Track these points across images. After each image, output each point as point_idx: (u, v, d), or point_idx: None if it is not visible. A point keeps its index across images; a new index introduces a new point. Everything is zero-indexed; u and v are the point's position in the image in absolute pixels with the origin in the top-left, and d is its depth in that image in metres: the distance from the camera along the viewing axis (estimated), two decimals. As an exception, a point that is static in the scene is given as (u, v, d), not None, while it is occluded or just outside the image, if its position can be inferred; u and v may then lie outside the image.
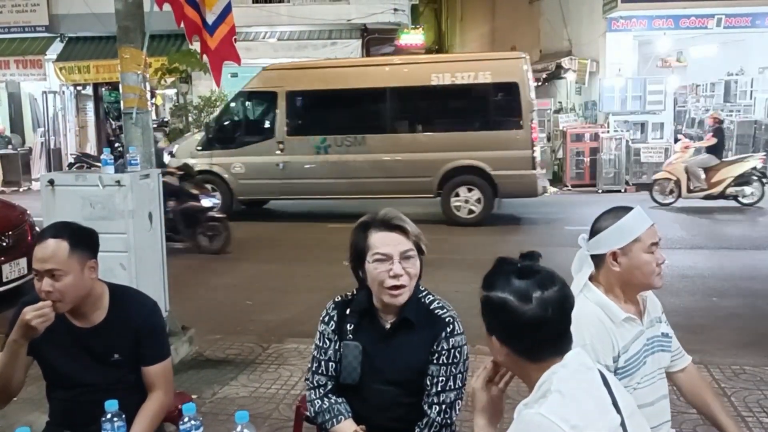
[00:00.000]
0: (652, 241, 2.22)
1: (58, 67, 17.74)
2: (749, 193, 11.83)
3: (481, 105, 11.13)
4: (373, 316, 2.35)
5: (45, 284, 2.33)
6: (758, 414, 4.04)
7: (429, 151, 10.92)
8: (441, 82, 10.94)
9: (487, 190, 10.92)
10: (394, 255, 2.22)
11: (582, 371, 1.64)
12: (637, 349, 2.21)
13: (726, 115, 15.87)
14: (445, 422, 2.28)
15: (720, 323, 5.88)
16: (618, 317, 2.19)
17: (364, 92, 11.42)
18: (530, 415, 1.56)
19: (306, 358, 4.91)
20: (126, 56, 4.80)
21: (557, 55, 18.03)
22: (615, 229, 2.24)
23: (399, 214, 2.30)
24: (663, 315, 2.42)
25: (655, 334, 2.31)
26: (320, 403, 2.36)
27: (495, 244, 9.25)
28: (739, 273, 7.72)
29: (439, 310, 2.33)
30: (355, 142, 11.16)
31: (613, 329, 2.17)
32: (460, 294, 3.85)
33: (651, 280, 2.24)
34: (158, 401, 2.49)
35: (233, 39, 5.06)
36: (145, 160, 4.81)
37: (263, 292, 7.30)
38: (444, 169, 10.94)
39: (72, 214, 3.73)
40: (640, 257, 2.21)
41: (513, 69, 10.82)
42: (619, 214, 2.26)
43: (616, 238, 2.23)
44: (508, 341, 1.66)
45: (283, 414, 4.12)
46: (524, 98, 10.67)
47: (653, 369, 2.27)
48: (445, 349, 2.27)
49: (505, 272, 1.68)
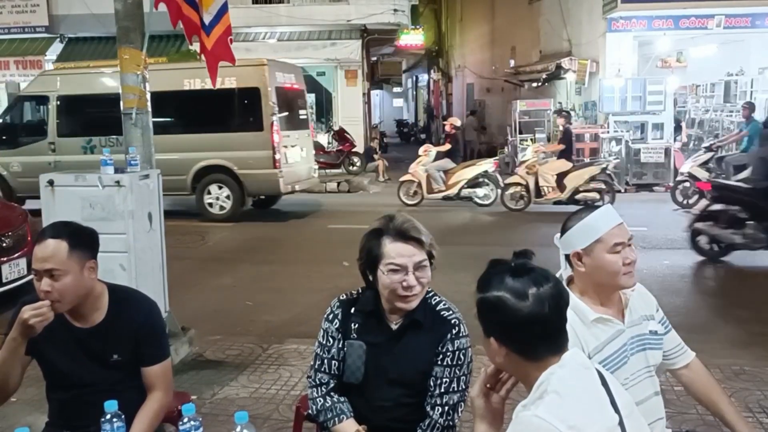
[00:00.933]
0: (615, 241, 2.16)
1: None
2: (482, 195, 12.71)
3: (227, 108, 11.83)
4: (380, 317, 2.35)
5: (44, 284, 2.33)
6: (758, 414, 4.04)
7: (182, 151, 11.54)
8: (192, 87, 11.65)
9: (235, 188, 11.76)
10: (409, 266, 2.22)
11: (580, 371, 1.64)
12: (614, 349, 2.18)
13: (726, 116, 15.89)
14: (448, 424, 2.28)
15: (719, 323, 5.88)
16: (588, 318, 2.17)
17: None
18: (527, 417, 1.56)
19: (306, 358, 4.91)
20: (126, 57, 4.80)
21: (557, 55, 18.02)
22: (577, 229, 2.22)
23: (415, 224, 2.29)
24: (657, 312, 2.38)
25: (640, 332, 2.27)
26: (322, 402, 2.36)
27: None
28: (738, 273, 7.72)
29: (445, 312, 2.33)
30: (117, 143, 11.49)
31: (584, 330, 2.15)
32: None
33: (617, 280, 2.19)
34: (158, 401, 2.50)
35: (229, 39, 5.05)
36: (145, 160, 4.81)
37: (263, 292, 7.29)
38: (195, 168, 11.81)
39: (71, 215, 3.72)
40: (603, 258, 2.16)
41: (255, 75, 11.49)
42: (583, 214, 2.24)
43: (579, 239, 2.20)
44: (507, 341, 1.66)
45: (283, 414, 4.11)
46: (265, 102, 11.43)
47: (638, 368, 2.24)
48: (450, 351, 2.28)
49: (499, 272, 1.68)
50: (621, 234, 2.18)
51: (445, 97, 31.60)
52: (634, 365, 2.23)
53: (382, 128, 28.79)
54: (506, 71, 22.55)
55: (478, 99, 26.93)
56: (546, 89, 19.25)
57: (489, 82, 25.98)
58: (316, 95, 21.19)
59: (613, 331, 2.20)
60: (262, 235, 10.71)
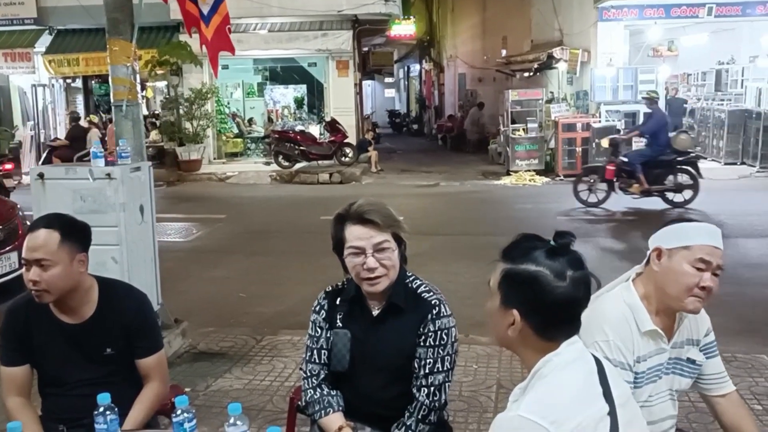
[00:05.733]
0: (702, 257, 2.04)
1: (47, 59, 17.61)
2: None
3: None
4: (362, 304, 2.36)
5: (33, 273, 2.34)
6: (749, 401, 4.06)
7: None
8: None
9: None
10: (367, 248, 2.22)
11: (575, 360, 1.64)
12: (651, 365, 2.13)
13: (717, 104, 15.93)
14: (434, 405, 2.29)
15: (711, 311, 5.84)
16: (643, 327, 2.10)
17: None
18: (509, 419, 1.56)
19: (300, 349, 4.92)
20: (115, 48, 4.77)
21: (548, 45, 18.01)
22: (673, 228, 2.14)
23: (373, 206, 2.28)
24: (706, 336, 2.28)
25: (677, 356, 2.20)
26: (311, 393, 2.37)
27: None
28: (731, 261, 7.75)
29: (425, 294, 2.33)
30: None
31: (637, 335, 2.10)
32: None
33: (683, 298, 2.07)
34: (154, 391, 2.52)
35: (227, 28, 5.03)
36: (136, 152, 4.79)
37: (256, 284, 7.29)
38: None
39: (62, 208, 3.70)
40: (681, 266, 2.06)
41: None
42: (688, 220, 2.18)
43: (669, 237, 2.12)
44: (530, 316, 1.64)
45: (277, 405, 4.12)
46: None
47: (666, 388, 2.19)
48: (432, 331, 2.28)
49: (535, 247, 1.66)
50: (712, 254, 2.06)
51: (437, 87, 31.53)
52: (663, 385, 2.18)
53: (374, 119, 28.74)
54: (498, 61, 22.54)
55: (470, 89, 26.90)
56: (538, 79, 19.24)
57: (481, 72, 25.96)
58: (308, 86, 21.15)
59: (657, 347, 2.14)
60: (254, 227, 10.69)
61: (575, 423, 1.52)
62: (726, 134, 15.05)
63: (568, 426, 1.51)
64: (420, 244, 7.96)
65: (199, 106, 17.04)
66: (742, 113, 15.03)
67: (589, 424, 1.54)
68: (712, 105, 16.17)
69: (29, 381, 2.51)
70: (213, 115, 18.00)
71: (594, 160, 13.19)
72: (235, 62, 17.63)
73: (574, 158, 14.82)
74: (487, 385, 4.33)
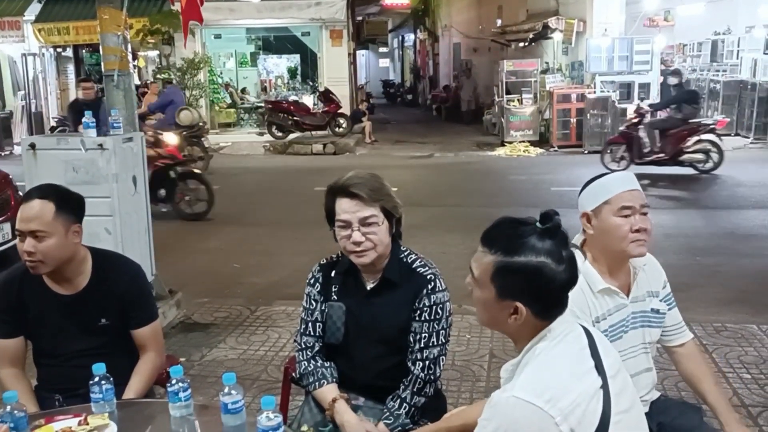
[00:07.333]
0: (623, 204, 2.12)
1: (37, 28, 17.36)
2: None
3: None
4: (357, 277, 2.37)
5: (27, 244, 2.33)
6: (738, 370, 4.12)
7: None
8: None
9: None
10: (353, 222, 2.22)
11: (566, 334, 1.64)
12: (614, 322, 2.17)
13: (712, 75, 15.87)
14: (429, 378, 2.31)
15: (702, 281, 5.94)
16: (596, 287, 2.15)
17: None
18: (504, 400, 1.55)
19: (294, 320, 4.95)
20: (105, 17, 4.69)
21: (544, 14, 17.84)
22: (589, 189, 2.20)
23: (362, 180, 2.25)
24: (664, 288, 2.35)
25: (642, 309, 2.25)
26: (306, 365, 2.39)
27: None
28: (722, 232, 7.80)
29: (420, 268, 2.34)
30: None
31: (591, 297, 2.15)
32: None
33: (624, 247, 2.13)
34: (151, 361, 2.54)
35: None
36: (128, 123, 4.75)
37: (250, 254, 7.30)
38: None
39: (55, 179, 3.67)
40: (609, 220, 2.13)
41: None
42: (597, 177, 2.22)
43: (589, 200, 2.18)
44: (533, 304, 1.61)
45: (272, 375, 4.15)
46: None
47: (635, 343, 2.24)
48: (427, 306, 2.29)
49: (525, 234, 1.61)
50: (632, 199, 2.13)
51: (432, 57, 31.28)
52: (630, 340, 2.22)
53: (368, 89, 28.54)
54: (493, 31, 22.33)
55: (465, 59, 26.70)
56: (533, 49, 19.10)
57: (476, 42, 25.73)
58: (301, 56, 20.96)
59: (616, 304, 2.18)
60: (247, 198, 10.66)
61: (570, 400, 1.52)
62: (721, 105, 15.02)
63: (563, 403, 1.51)
64: (414, 215, 7.96)
65: (192, 75, 16.87)
66: (737, 84, 14.99)
67: (584, 400, 1.54)
68: (707, 76, 16.11)
69: (22, 353, 2.52)
70: (206, 85, 17.84)
71: (590, 131, 13.19)
72: (227, 32, 17.48)
73: (569, 129, 14.79)
74: (479, 354, 4.37)
